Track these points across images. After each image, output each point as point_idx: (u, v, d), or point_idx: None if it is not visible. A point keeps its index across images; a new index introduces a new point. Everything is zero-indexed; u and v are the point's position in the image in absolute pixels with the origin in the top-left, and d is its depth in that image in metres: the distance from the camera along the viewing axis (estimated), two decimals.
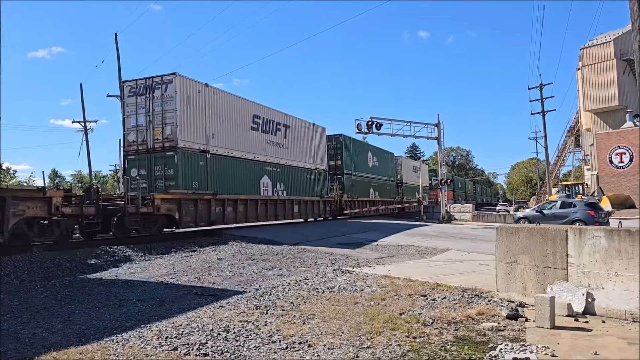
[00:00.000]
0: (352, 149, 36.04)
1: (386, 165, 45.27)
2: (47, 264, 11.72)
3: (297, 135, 27.92)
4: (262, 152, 24.06)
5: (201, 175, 19.40)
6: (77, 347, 5.61)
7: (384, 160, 44.63)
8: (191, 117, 19.08)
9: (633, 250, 6.49)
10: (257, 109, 24.21)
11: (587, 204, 23.31)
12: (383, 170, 44.02)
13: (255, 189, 23.15)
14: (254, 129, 23.58)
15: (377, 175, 41.93)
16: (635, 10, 7.88)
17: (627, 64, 46.48)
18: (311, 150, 29.64)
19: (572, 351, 5.28)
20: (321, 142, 31.50)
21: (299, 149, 28.06)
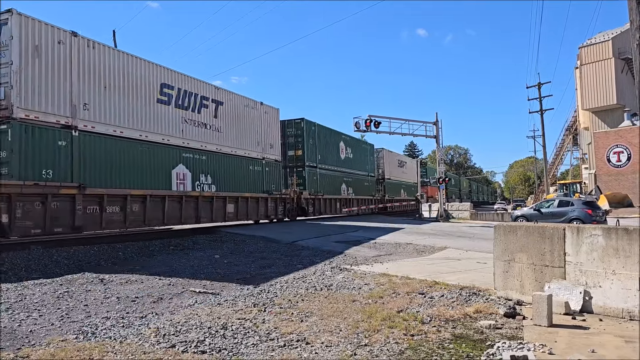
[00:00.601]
0: (317, 137, 31.05)
1: (363, 158, 40.53)
2: (45, 260, 11.71)
3: (234, 115, 22.57)
4: (176, 134, 18.63)
5: (60, 160, 13.91)
6: (75, 344, 5.60)
7: (360, 152, 39.86)
8: (43, 76, 13.56)
9: (631, 248, 6.51)
10: (169, 77, 18.59)
11: (584, 203, 23.36)
12: (359, 163, 39.29)
13: (163, 182, 17.72)
14: (162, 103, 18.10)
15: (351, 169, 37.07)
16: (633, 9, 7.88)
17: (626, 62, 46.53)
18: (257, 136, 24.18)
19: (570, 349, 5.30)
20: (272, 126, 25.94)
21: (237, 133, 22.54)
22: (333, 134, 34.31)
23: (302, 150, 29.17)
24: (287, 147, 29.00)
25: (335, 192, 33.79)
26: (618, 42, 47.07)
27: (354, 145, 38.27)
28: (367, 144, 42.27)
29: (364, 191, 39.88)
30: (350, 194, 36.51)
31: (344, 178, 35.43)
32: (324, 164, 31.85)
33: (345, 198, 35.39)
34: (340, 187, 34.86)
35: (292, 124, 29.37)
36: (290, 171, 28.75)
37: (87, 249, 13.38)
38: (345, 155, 36.21)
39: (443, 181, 35.45)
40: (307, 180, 29.15)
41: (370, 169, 42.19)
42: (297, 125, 29.46)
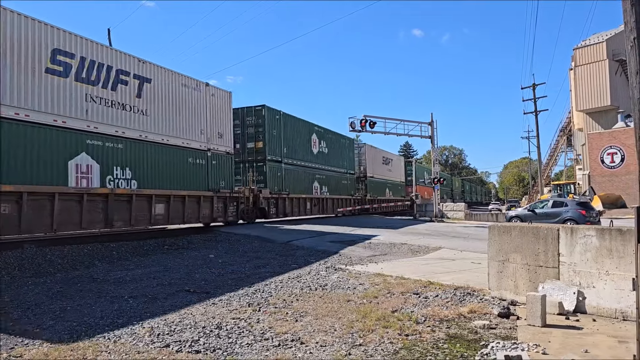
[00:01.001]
0: (283, 128, 27.08)
1: (341, 154, 36.34)
2: (39, 260, 11.65)
3: (168, 96, 18.44)
4: (77, 115, 14.61)
5: None
6: (69, 344, 5.58)
7: (338, 146, 35.62)
8: None
9: (624, 249, 6.55)
10: (67, 41, 14.45)
11: (578, 203, 23.45)
12: (336, 159, 35.12)
13: (54, 176, 13.74)
14: (55, 74, 14.01)
15: (326, 165, 32.82)
16: (628, 11, 7.91)
17: (619, 64, 46.81)
18: (200, 123, 20.16)
19: (563, 349, 5.32)
20: (222, 112, 21.73)
21: (172, 118, 18.54)
22: (303, 125, 30.21)
23: (263, 142, 25.12)
24: (247, 138, 25.30)
25: (306, 191, 29.54)
26: (612, 44, 47.35)
27: (329, 139, 34.05)
28: (346, 138, 37.73)
29: (342, 190, 35.80)
30: (324, 192, 32.24)
31: (316, 175, 31.30)
32: (291, 158, 27.86)
33: (317, 197, 31.08)
34: (312, 185, 30.65)
35: (252, 111, 25.42)
36: (250, 166, 25.02)
37: (80, 248, 13.33)
38: (319, 149, 32.06)
39: (438, 181, 35.49)
40: (268, 176, 25.14)
41: (350, 166, 38.02)
42: (258, 113, 25.38)
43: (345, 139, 37.54)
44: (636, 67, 7.86)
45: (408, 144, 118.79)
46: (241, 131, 25.42)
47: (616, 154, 40.98)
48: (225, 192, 21.28)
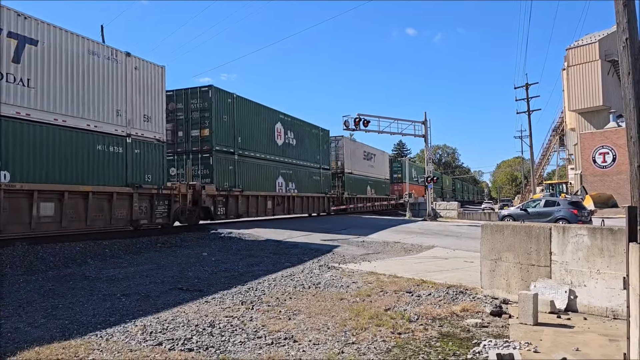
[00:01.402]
0: (236, 114, 23.12)
1: (313, 147, 32.41)
2: (30, 257, 11.58)
3: (66, 64, 14.31)
4: None
5: None
6: (60, 342, 5.55)
7: (309, 138, 31.64)
8: None
9: (615, 248, 6.60)
10: None
11: (570, 203, 23.60)
12: (307, 152, 31.17)
13: None
14: None
15: (293, 159, 29.08)
16: (620, 12, 7.97)
17: (612, 64, 47.11)
18: (117, 101, 15.97)
19: (554, 347, 5.36)
20: (151, 90, 17.43)
21: (73, 93, 14.47)
22: (265, 111, 26.27)
23: (209, 129, 21.27)
24: (190, 125, 21.48)
25: (267, 188, 25.67)
26: (605, 44, 47.64)
27: (299, 129, 30.07)
28: (320, 129, 33.46)
29: (314, 187, 31.82)
30: (290, 189, 28.32)
31: (281, 170, 27.44)
32: (247, 149, 23.94)
33: (282, 195, 27.30)
34: (275, 182, 26.71)
35: (197, 93, 21.50)
36: (194, 158, 21.36)
37: (72, 246, 13.25)
38: (285, 140, 28.17)
39: (431, 180, 35.58)
40: (215, 170, 21.17)
41: (324, 160, 33.94)
42: (204, 95, 21.43)
43: (319, 130, 33.21)
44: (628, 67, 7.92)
45: (402, 142, 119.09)
46: (184, 116, 21.57)
47: (608, 154, 41.26)
48: (150, 188, 17.02)
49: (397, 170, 55.43)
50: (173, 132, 21.37)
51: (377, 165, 46.81)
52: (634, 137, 7.81)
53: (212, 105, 21.35)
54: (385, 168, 49.83)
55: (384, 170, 49.51)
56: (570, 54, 50.14)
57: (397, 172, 55.12)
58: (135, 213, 16.32)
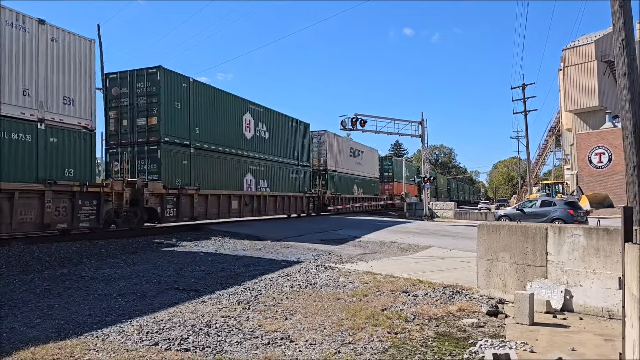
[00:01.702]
0: (193, 101, 20.15)
1: (290, 141, 29.26)
2: (26, 257, 11.53)
3: None
4: None
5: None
6: (56, 342, 5.53)
7: (285, 132, 28.58)
8: None
9: (611, 248, 6.62)
10: None
11: (566, 203, 23.67)
12: (283, 147, 28.10)
13: None
14: None
15: (265, 154, 26.07)
16: (616, 13, 7.99)
17: (608, 65, 47.25)
18: (25, 78, 13.25)
19: (550, 347, 5.37)
20: (75, 68, 14.80)
21: None
22: (230, 100, 23.18)
23: (157, 117, 18.34)
24: (136, 112, 18.47)
25: (233, 186, 22.72)
26: (601, 45, 47.81)
27: (273, 121, 27.06)
28: (299, 123, 30.36)
29: (290, 185, 28.77)
30: (261, 188, 25.25)
31: (249, 166, 24.32)
32: (207, 141, 21.07)
33: (250, 195, 24.03)
34: (243, 179, 23.67)
35: (144, 75, 18.49)
36: (140, 150, 18.44)
37: (68, 246, 13.21)
38: (255, 133, 25.09)
39: (428, 180, 35.65)
40: (164, 164, 18.27)
41: (304, 157, 31.01)
42: (151, 78, 18.45)
43: (297, 123, 30.21)
44: (624, 68, 7.95)
45: (398, 142, 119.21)
46: (129, 102, 18.66)
47: (604, 154, 41.40)
48: (71, 185, 14.23)
49: (387, 168, 52.45)
50: (117, 121, 18.63)
51: (366, 163, 43.94)
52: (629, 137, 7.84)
53: (161, 89, 18.41)
54: (374, 166, 47.08)
55: (373, 169, 46.62)
56: (566, 54, 50.29)
57: (387, 171, 52.32)
58: (49, 215, 13.47)
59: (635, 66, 7.96)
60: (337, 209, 35.18)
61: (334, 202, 35.31)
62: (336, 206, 35.18)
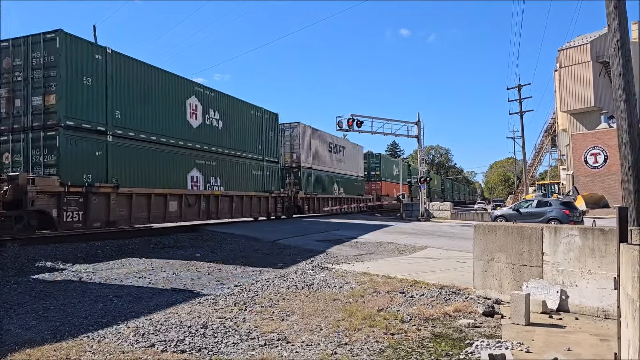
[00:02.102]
0: (110, 77, 16.13)
1: (252, 133, 24.81)
2: (22, 259, 11.49)
3: None
4: None
5: None
6: (52, 344, 5.51)
7: (244, 121, 24.18)
8: None
9: (606, 248, 6.64)
10: None
11: (562, 203, 23.75)
12: (241, 139, 23.75)
13: None
14: None
15: (218, 146, 21.77)
16: (611, 14, 8.02)
17: (603, 66, 47.46)
18: None
19: (546, 347, 5.38)
20: None
21: None
22: (168, 80, 18.86)
23: (55, 94, 14.34)
24: (31, 88, 14.51)
25: (172, 183, 18.64)
26: (596, 46, 47.99)
27: (227, 108, 22.59)
28: (262, 111, 25.99)
29: (252, 184, 24.32)
30: (212, 187, 20.99)
31: (196, 160, 20.22)
32: (132, 129, 16.94)
33: (195, 194, 19.81)
34: (187, 176, 19.59)
35: (40, 42, 14.49)
36: (35, 137, 14.40)
37: (64, 247, 13.17)
38: (204, 121, 20.85)
39: (424, 181, 35.68)
40: (63, 155, 14.27)
41: (270, 151, 26.74)
42: (49, 45, 14.44)
43: (262, 112, 25.86)
44: (619, 69, 7.98)
45: (395, 143, 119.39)
46: (24, 77, 14.66)
47: (599, 155, 41.54)
48: None
49: (374, 167, 48.57)
50: (9, 100, 14.86)
51: (348, 160, 40.31)
52: (624, 137, 7.87)
53: (61, 59, 14.32)
54: (358, 164, 43.33)
55: (357, 167, 42.87)
56: (562, 55, 50.46)
57: (374, 169, 48.54)
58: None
59: (630, 67, 8.00)
60: (314, 210, 32.26)
61: (310, 203, 31.70)
62: (312, 207, 31.86)
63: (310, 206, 31.78)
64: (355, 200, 41.22)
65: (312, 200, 32.09)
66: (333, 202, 36.09)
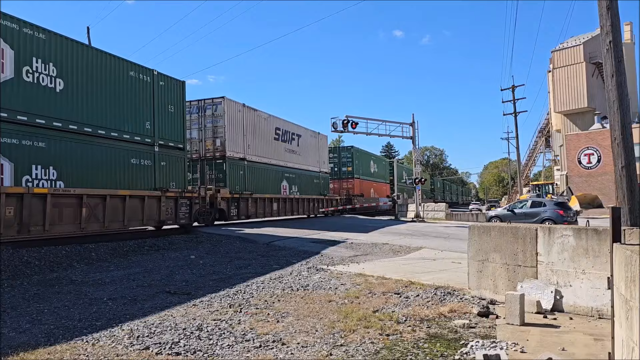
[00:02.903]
0: None
1: (131, 103, 17.18)
2: (15, 261, 11.42)
3: None
4: None
5: None
6: (46, 347, 5.48)
7: (114, 85, 16.46)
8: None
9: (600, 248, 6.67)
10: None
11: (556, 204, 23.84)
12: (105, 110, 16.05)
13: None
14: None
15: (53, 115, 13.99)
16: (604, 15, 8.08)
17: (596, 67, 47.69)
18: None
19: (541, 347, 5.40)
20: None
21: None
22: None
23: None
24: None
25: None
26: (589, 47, 48.23)
27: (77, 62, 15.00)
28: (151, 74, 18.27)
29: (128, 179, 16.68)
30: (40, 181, 13.57)
31: None
32: None
33: None
34: None
35: None
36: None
37: (58, 250, 13.10)
38: (18, 76, 13.14)
39: (419, 182, 35.71)
40: None
41: (169, 133, 18.96)
42: None
43: (148, 74, 18.12)
44: (612, 69, 8.03)
45: (390, 144, 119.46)
46: None
47: (593, 155, 41.73)
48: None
49: (346, 162, 41.39)
50: None
51: (305, 152, 32.49)
52: (617, 138, 7.92)
53: None
54: (320, 157, 35.44)
55: (319, 160, 35.01)
56: (555, 56, 50.68)
57: (346, 165, 41.35)
58: None
59: (622, 68, 8.05)
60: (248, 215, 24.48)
61: (241, 205, 23.89)
62: (245, 211, 24.17)
63: (241, 210, 23.88)
64: (315, 201, 33.14)
65: (245, 202, 24.21)
66: (281, 203, 28.11)
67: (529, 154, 65.43)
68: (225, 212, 22.77)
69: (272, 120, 28.43)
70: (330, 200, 36.25)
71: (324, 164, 36.24)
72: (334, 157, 41.36)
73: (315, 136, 35.03)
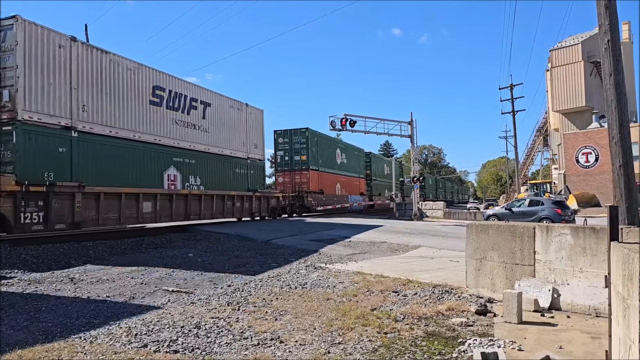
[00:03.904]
0: None
1: None
2: (13, 259, 11.41)
3: None
4: None
5: None
6: (43, 345, 5.48)
7: None
8: None
9: (597, 247, 6.69)
10: None
11: (554, 202, 23.86)
12: None
13: None
14: None
15: None
16: (602, 14, 8.09)
17: (594, 66, 47.78)
18: None
19: (538, 345, 5.41)
20: None
21: None
22: None
23: None
24: None
25: None
26: (587, 46, 48.31)
27: None
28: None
29: None
30: None
31: None
32: None
33: None
34: None
35: None
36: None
37: (56, 247, 13.09)
38: None
39: (417, 180, 35.74)
40: None
41: None
42: None
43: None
44: (610, 69, 8.04)
45: (388, 143, 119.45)
46: None
47: (591, 154, 41.80)
48: None
49: (300, 149, 32.76)
50: None
51: (219, 129, 23.54)
52: (615, 137, 7.93)
53: None
54: (249, 137, 26.15)
55: (246, 142, 25.79)
56: (553, 55, 50.76)
57: (300, 153, 32.75)
58: None
59: (620, 67, 8.07)
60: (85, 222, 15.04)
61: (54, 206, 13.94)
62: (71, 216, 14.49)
63: (66, 211, 14.49)
64: (235, 198, 23.89)
65: (64, 201, 14.44)
66: (160, 202, 18.65)
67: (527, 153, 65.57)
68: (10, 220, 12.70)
69: (146, 74, 18.73)
70: (267, 197, 27.36)
71: (255, 149, 26.91)
72: (284, 142, 33.08)
73: (240, 108, 25.60)
